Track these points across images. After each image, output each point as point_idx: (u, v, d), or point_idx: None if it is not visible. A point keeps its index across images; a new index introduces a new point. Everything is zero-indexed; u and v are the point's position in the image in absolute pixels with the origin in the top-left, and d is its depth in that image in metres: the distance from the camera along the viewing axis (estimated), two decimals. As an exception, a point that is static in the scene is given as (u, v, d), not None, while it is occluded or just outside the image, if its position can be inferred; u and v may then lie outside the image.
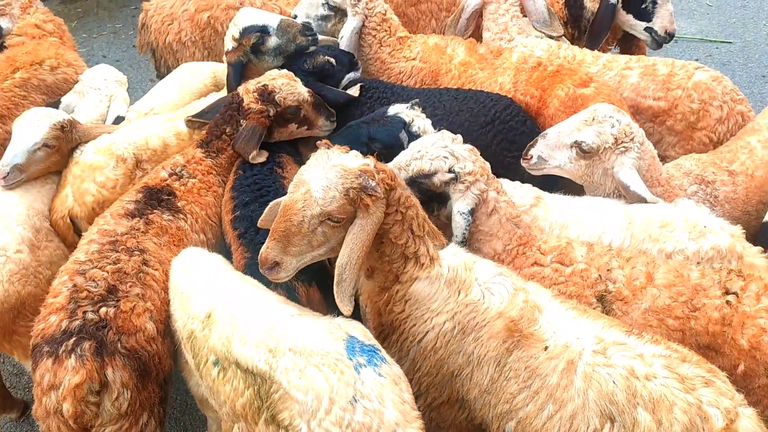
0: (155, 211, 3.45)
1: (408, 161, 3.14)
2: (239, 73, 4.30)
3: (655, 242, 3.22)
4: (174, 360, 3.15)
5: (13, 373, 4.39)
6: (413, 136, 3.61)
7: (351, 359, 2.48)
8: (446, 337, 2.74)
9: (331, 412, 2.38)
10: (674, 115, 4.23)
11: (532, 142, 3.67)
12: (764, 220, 3.65)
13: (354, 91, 4.29)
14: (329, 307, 3.28)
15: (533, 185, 3.55)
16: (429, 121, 3.78)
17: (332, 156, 2.76)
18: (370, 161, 2.77)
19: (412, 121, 3.73)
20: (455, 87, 4.44)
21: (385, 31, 4.71)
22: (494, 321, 2.66)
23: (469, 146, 3.25)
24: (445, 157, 3.13)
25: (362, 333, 2.65)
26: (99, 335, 2.84)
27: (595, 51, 4.67)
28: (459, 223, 3.09)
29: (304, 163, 2.84)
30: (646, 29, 4.85)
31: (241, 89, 3.95)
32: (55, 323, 2.89)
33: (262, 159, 3.81)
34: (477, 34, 4.94)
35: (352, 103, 4.25)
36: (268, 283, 3.13)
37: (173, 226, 3.47)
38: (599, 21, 4.92)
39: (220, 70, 4.77)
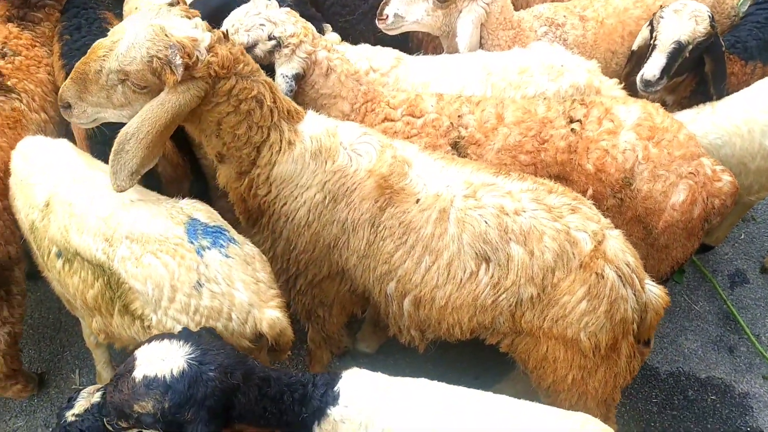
0: None
1: None
2: None
3: (517, 89, 3.23)
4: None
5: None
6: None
7: (192, 243, 2.37)
8: (318, 209, 2.64)
9: (175, 300, 2.32)
10: None
11: (385, 1, 3.49)
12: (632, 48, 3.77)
13: None
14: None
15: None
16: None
17: (163, 15, 2.44)
18: (207, 38, 2.40)
19: None
20: None
21: None
22: (365, 181, 2.58)
23: (286, 9, 3.02)
24: (261, 24, 2.91)
25: (206, 215, 2.52)
26: None
27: None
28: (280, 87, 2.85)
29: None
30: None
31: None
32: None
33: None
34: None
35: None
36: None
37: (6, 107, 3.23)
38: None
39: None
